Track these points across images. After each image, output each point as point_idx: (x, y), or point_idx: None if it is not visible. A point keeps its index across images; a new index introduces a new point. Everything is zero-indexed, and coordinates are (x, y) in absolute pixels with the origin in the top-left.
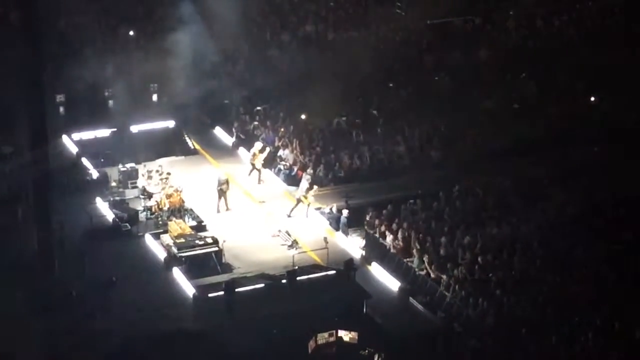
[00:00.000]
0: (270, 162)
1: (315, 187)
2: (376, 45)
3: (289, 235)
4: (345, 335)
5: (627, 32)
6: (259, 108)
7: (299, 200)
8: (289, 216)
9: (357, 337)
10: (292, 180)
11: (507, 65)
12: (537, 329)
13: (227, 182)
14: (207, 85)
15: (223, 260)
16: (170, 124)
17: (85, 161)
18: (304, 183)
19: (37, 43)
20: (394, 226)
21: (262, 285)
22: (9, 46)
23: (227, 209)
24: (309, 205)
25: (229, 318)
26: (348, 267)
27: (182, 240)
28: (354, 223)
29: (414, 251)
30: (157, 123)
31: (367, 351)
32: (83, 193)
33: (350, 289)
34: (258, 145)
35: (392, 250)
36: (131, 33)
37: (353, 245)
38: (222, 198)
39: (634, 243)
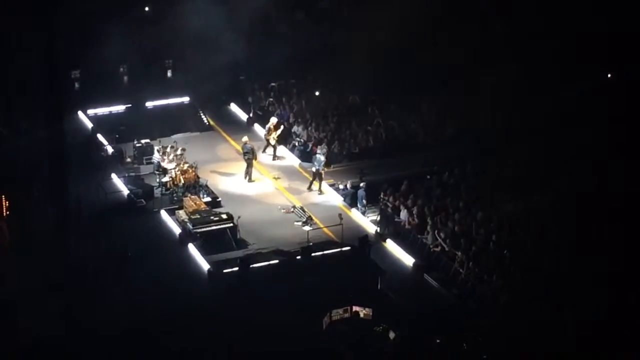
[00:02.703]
0: (285, 138)
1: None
2: (390, 21)
3: (303, 211)
4: (360, 311)
5: None
6: (273, 84)
7: (316, 175)
8: (310, 190)
9: (371, 314)
10: (307, 156)
11: (524, 41)
12: (551, 305)
13: (252, 151)
14: (222, 61)
15: (238, 236)
16: (185, 99)
17: (100, 137)
18: (321, 157)
19: (52, 19)
20: (409, 202)
21: (276, 261)
22: (24, 23)
23: (250, 180)
24: (321, 180)
25: (243, 294)
26: (363, 244)
27: (197, 216)
28: (369, 199)
29: (429, 227)
30: (172, 99)
31: (381, 327)
32: (98, 169)
33: (365, 265)
34: (273, 120)
35: (406, 227)
36: (146, 9)
37: (368, 221)
38: (249, 167)
39: None
